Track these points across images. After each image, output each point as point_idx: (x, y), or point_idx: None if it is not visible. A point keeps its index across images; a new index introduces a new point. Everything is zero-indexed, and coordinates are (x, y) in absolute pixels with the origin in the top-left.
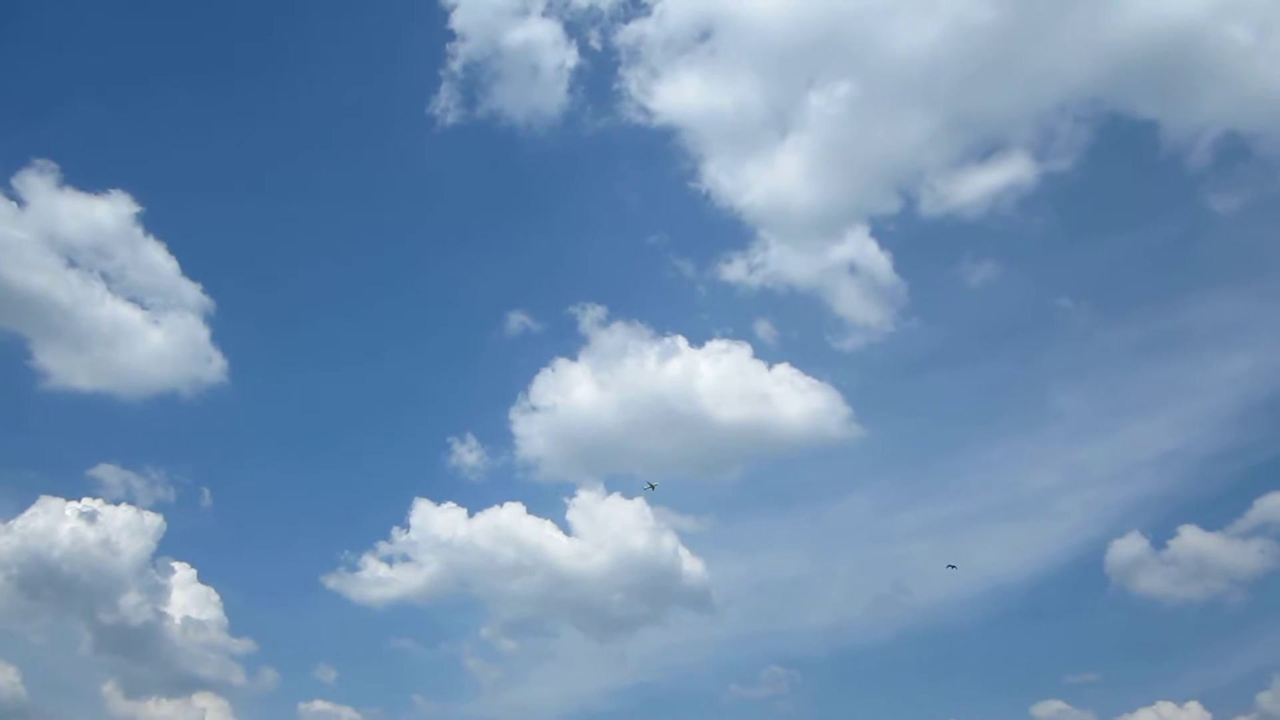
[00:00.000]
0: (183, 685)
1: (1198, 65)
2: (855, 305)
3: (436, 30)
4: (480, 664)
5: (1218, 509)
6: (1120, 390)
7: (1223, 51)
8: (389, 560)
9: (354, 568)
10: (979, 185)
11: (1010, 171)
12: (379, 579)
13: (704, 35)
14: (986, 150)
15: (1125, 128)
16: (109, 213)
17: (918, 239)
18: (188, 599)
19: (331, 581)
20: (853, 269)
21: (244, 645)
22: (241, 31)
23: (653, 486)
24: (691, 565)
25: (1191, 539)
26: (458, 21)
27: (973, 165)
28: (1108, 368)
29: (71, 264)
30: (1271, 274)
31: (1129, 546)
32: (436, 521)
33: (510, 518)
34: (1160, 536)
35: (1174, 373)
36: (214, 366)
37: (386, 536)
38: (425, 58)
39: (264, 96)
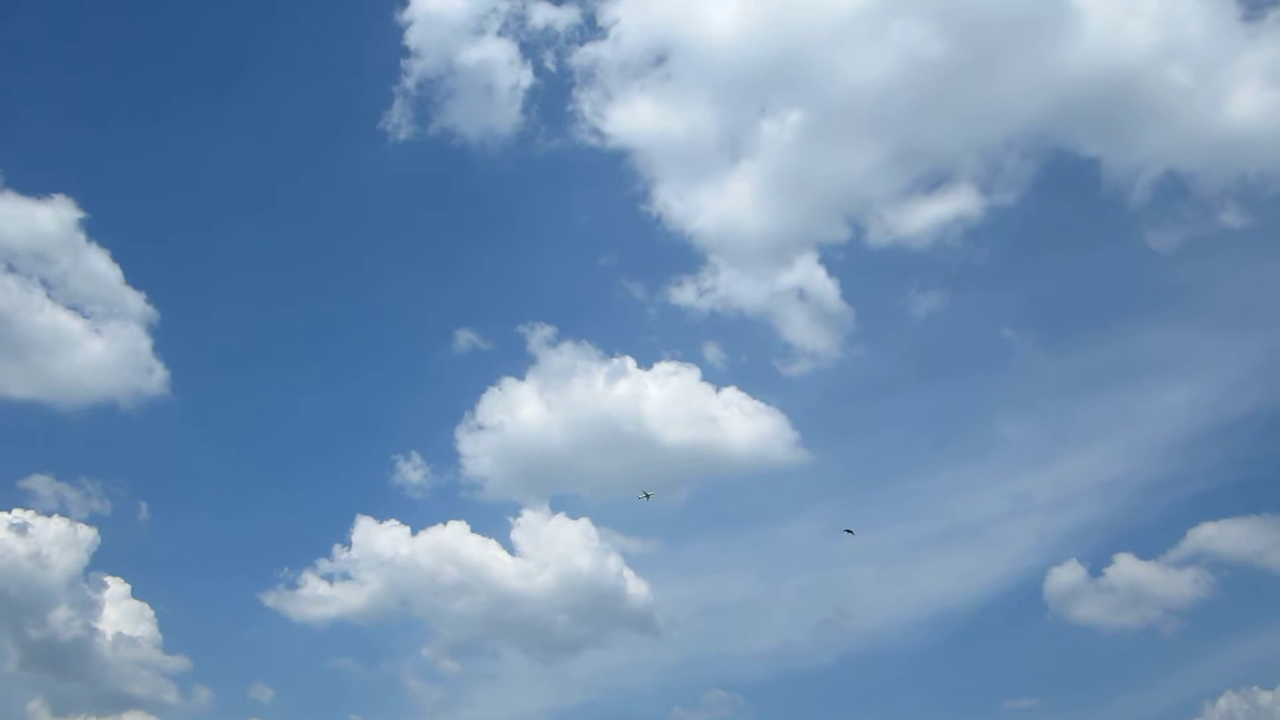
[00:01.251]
0: (113, 703)
1: (1139, 105)
2: (803, 331)
3: (391, 46)
4: (421, 684)
5: (1153, 538)
6: (1063, 420)
7: (1163, 93)
8: (329, 578)
9: (293, 585)
10: (926, 216)
11: (957, 203)
12: (319, 597)
13: (659, 60)
14: (934, 182)
15: (1069, 164)
16: (51, 218)
17: (865, 267)
18: (120, 615)
19: (270, 599)
20: (801, 295)
21: (178, 663)
22: (193, 39)
23: (648, 496)
24: (636, 587)
25: (1127, 567)
26: (413, 38)
27: (920, 196)
28: (1051, 397)
29: (11, 270)
30: (1209, 309)
31: (1067, 574)
32: (379, 539)
33: (454, 537)
34: (1097, 565)
35: (1115, 403)
36: (155, 378)
37: (328, 554)
38: (379, 73)
39: (214, 105)
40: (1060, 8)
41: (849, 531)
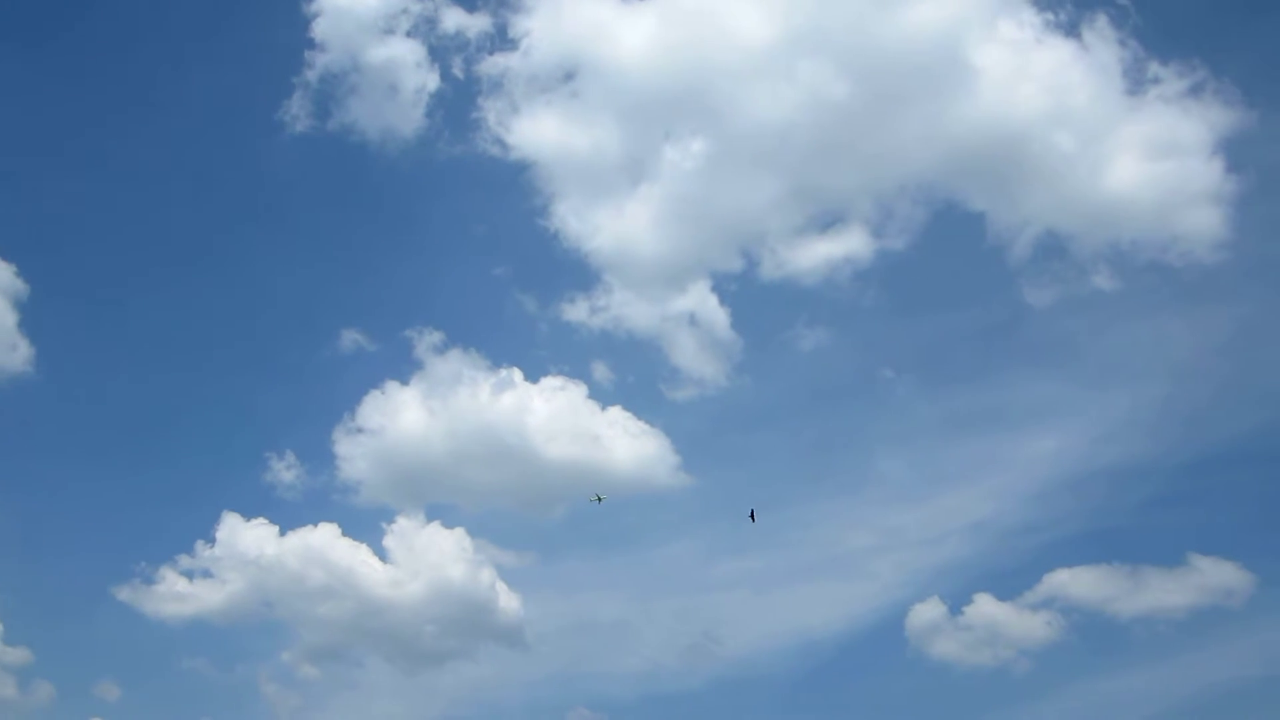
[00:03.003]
0: None
1: (1026, 166)
2: (691, 357)
3: (296, 37)
4: (278, 690)
5: (1012, 580)
6: (938, 460)
7: (1049, 156)
8: (189, 575)
9: (150, 580)
10: (818, 254)
11: (848, 244)
12: (176, 594)
13: (568, 76)
14: (828, 221)
15: (957, 215)
16: None
17: (756, 299)
18: None
19: (124, 593)
20: (692, 321)
21: (18, 655)
22: (89, 9)
23: (600, 499)
24: (508, 601)
25: (986, 607)
26: (318, 30)
27: (814, 234)
28: (928, 438)
29: None
30: (1078, 365)
31: (929, 611)
32: (245, 537)
33: (324, 539)
34: (958, 603)
35: (987, 448)
36: (19, 355)
37: (189, 550)
38: (281, 63)
39: (100, 75)
40: (959, 65)
41: (751, 517)
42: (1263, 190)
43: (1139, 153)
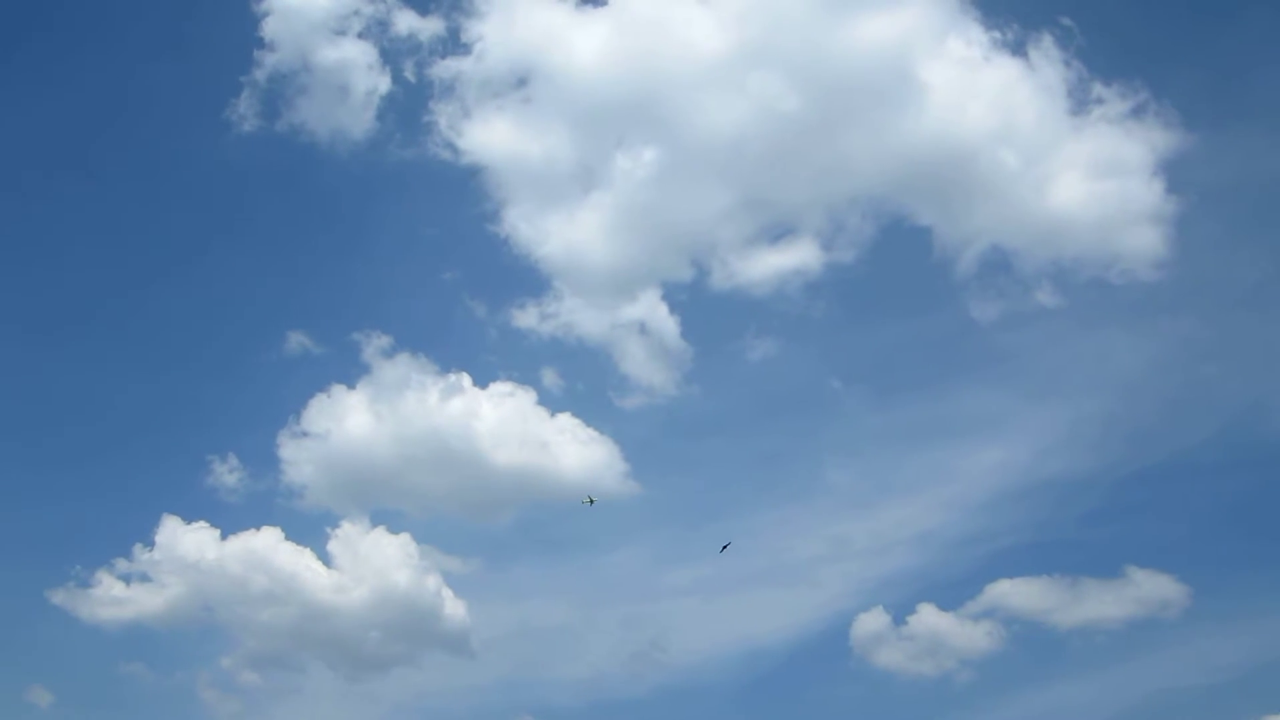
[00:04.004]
0: None
1: (972, 182)
2: (641, 365)
3: (245, 36)
4: (217, 695)
5: (955, 590)
6: (886, 470)
7: (995, 173)
8: (126, 578)
9: (85, 584)
10: (768, 265)
11: (798, 256)
12: (113, 598)
13: (520, 82)
14: (778, 233)
15: (905, 229)
16: None
17: (706, 309)
18: None
19: (58, 597)
20: (643, 330)
21: None
22: None
23: (591, 501)
24: (454, 607)
25: (928, 617)
26: (268, 29)
27: (764, 246)
28: (876, 448)
29: None
30: (1023, 377)
31: (873, 621)
32: (185, 541)
33: (266, 543)
34: (901, 613)
35: (934, 459)
36: None
37: (126, 553)
38: (229, 62)
39: (42, 71)
40: (908, 81)
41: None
42: (1202, 211)
43: (1082, 172)
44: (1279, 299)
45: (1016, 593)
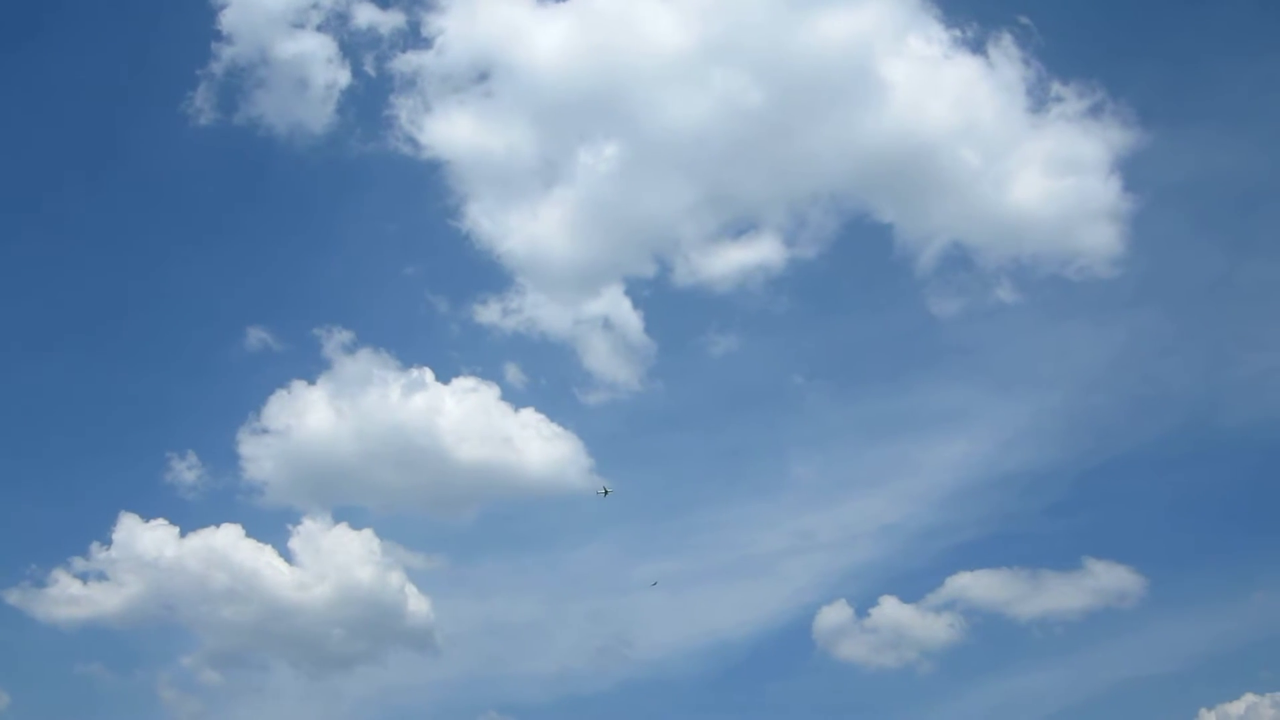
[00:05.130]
0: None
1: (934, 180)
2: (604, 361)
3: (202, 28)
4: (177, 695)
5: (916, 583)
6: (850, 464)
7: (956, 170)
8: (84, 577)
9: (41, 583)
10: (731, 261)
11: (761, 252)
12: (70, 597)
13: (481, 76)
14: (741, 229)
15: (867, 226)
16: None
17: (669, 305)
18: None
19: (13, 597)
20: (606, 325)
21: None
22: None
23: (607, 492)
24: (418, 604)
25: (891, 610)
26: (226, 22)
27: (727, 241)
28: (840, 442)
29: None
30: (983, 372)
31: (836, 613)
32: (143, 539)
33: (227, 540)
34: (864, 605)
35: (898, 452)
36: None
37: (83, 551)
38: (185, 54)
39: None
40: (870, 78)
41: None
42: (1157, 209)
43: (1041, 169)
44: (1235, 295)
45: (977, 585)
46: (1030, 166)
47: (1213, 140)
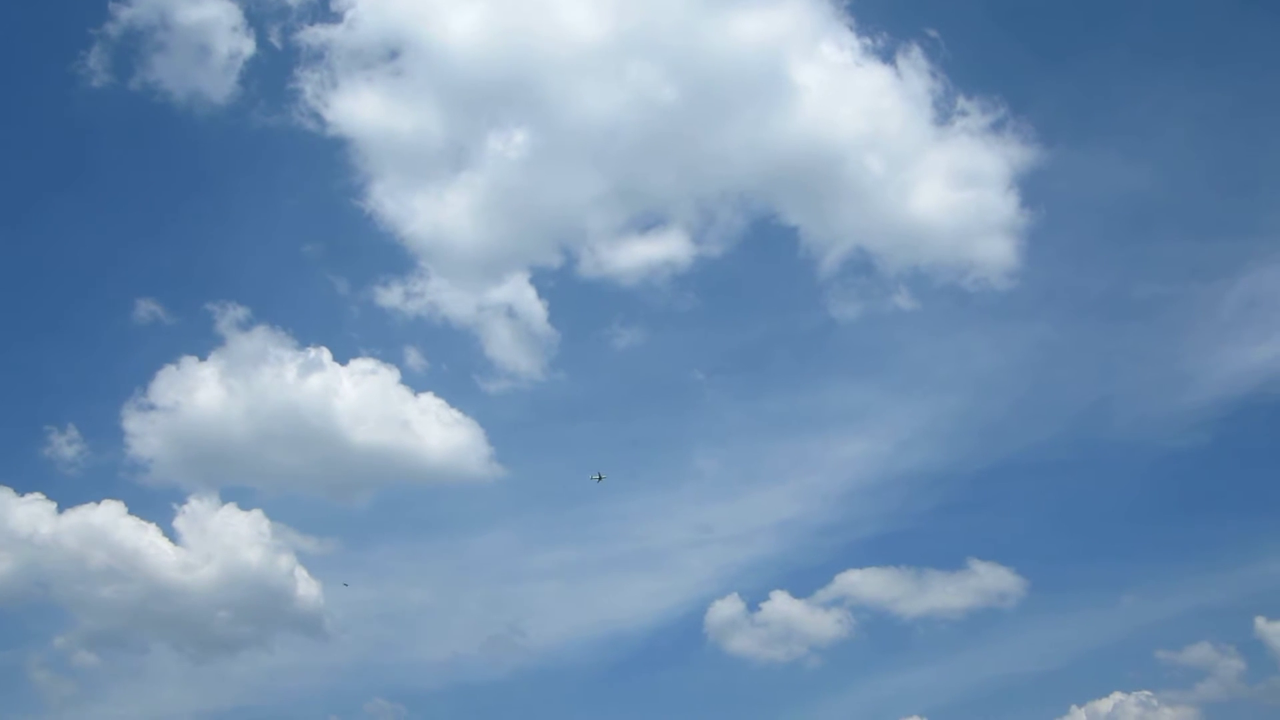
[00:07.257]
0: None
1: (839, 185)
2: (507, 349)
3: None
4: (50, 677)
5: (807, 578)
6: (751, 460)
7: (861, 177)
8: None
9: None
10: (637, 255)
11: (668, 247)
12: None
13: (392, 54)
14: (649, 224)
15: (773, 227)
16: None
17: (574, 296)
18: None
19: None
20: (510, 313)
21: None
22: None
23: (600, 478)
24: (308, 588)
25: (781, 604)
26: None
27: (634, 235)
28: (742, 438)
29: None
30: (882, 375)
31: (728, 607)
32: (17, 514)
33: (107, 518)
34: (756, 599)
35: (798, 450)
36: None
37: None
38: (78, 13)
39: None
40: (782, 81)
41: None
42: (1053, 225)
43: (943, 181)
44: (1124, 309)
45: (866, 582)
46: (933, 177)
47: (1110, 160)
